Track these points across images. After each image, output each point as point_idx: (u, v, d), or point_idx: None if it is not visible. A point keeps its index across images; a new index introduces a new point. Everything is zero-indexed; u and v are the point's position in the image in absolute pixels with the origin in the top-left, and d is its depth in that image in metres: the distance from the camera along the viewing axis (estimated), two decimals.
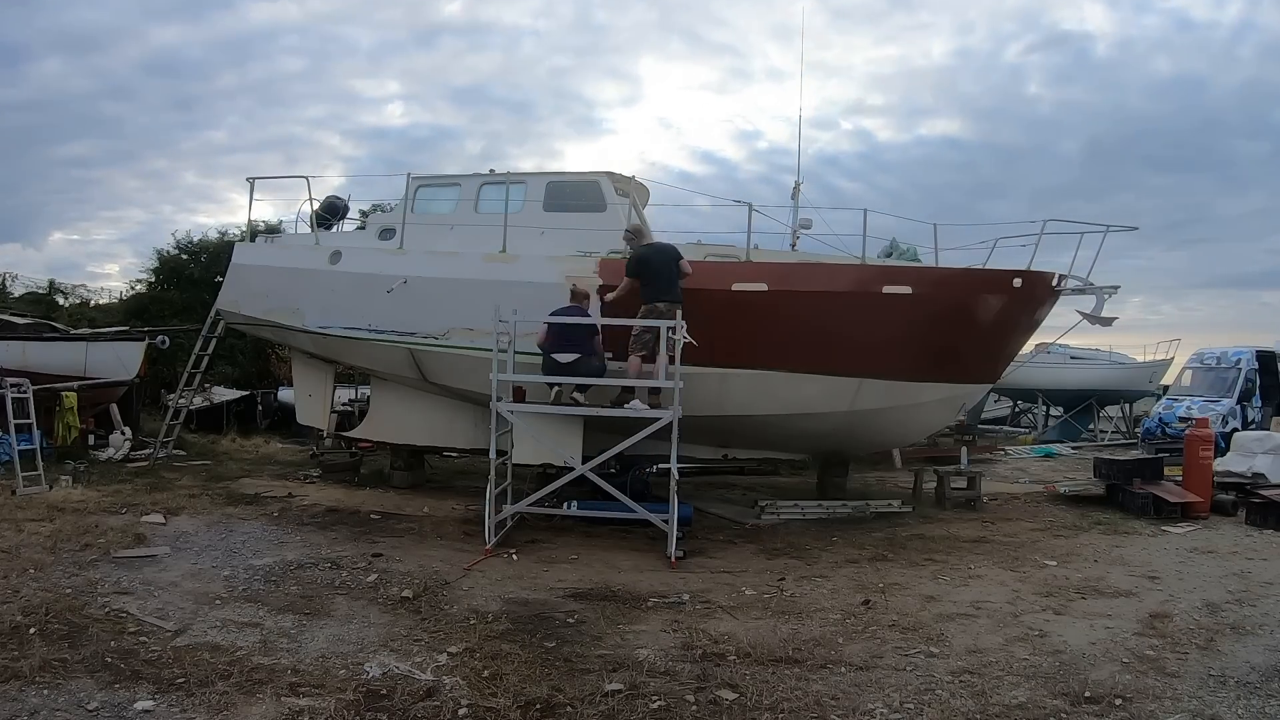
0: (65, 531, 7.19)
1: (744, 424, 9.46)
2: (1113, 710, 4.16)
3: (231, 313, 11.07)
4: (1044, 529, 9.01)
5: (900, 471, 13.26)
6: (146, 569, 6.32)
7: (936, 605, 6.00)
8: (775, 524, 9.09)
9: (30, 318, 15.25)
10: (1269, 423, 14.50)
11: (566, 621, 5.51)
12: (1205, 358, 17.22)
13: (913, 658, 4.90)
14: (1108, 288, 9.53)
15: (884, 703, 4.23)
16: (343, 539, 7.69)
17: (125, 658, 4.53)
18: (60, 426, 11.68)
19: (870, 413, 9.52)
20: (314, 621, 5.33)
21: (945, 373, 9.58)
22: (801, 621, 5.57)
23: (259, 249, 11.06)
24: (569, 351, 8.01)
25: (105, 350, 12.97)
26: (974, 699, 4.28)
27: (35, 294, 20.65)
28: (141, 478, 10.53)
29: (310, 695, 4.15)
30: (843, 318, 8.94)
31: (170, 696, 4.06)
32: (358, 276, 9.83)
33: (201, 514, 8.45)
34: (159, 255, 20.85)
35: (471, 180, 10.47)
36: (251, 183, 11.08)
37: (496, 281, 9.04)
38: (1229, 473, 10.81)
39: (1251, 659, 4.87)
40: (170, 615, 5.29)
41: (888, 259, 10.23)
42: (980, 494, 10.41)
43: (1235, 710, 4.16)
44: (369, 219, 12.36)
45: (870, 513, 9.60)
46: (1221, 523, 9.33)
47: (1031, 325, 10.29)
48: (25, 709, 3.83)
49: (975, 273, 9.67)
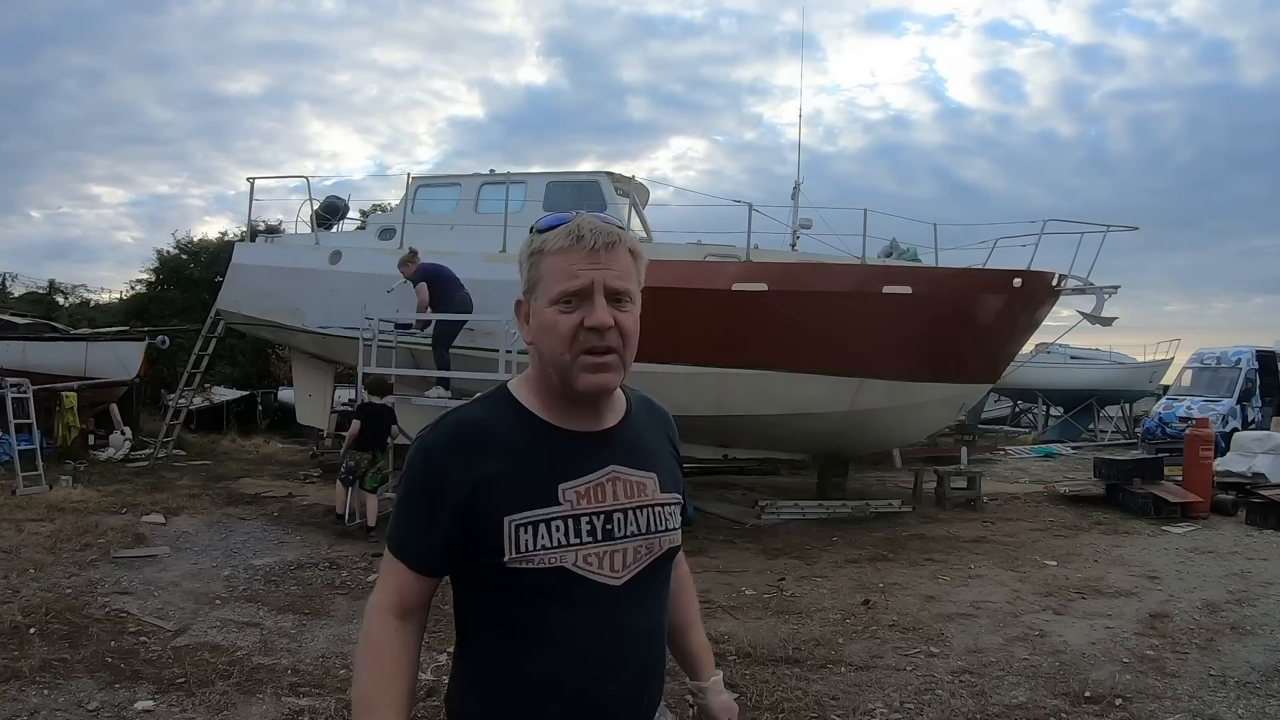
0: (65, 531, 7.18)
1: (744, 424, 9.45)
2: (1113, 710, 4.15)
3: (231, 313, 11.07)
4: (1044, 529, 9.01)
5: (900, 471, 13.25)
6: (146, 569, 6.32)
7: (936, 605, 6.00)
8: (775, 524, 9.09)
9: (30, 318, 15.24)
10: (1269, 423, 14.49)
11: None
12: (1205, 358, 17.20)
13: (913, 658, 4.90)
14: (1108, 288, 9.53)
15: (884, 703, 4.23)
16: (343, 539, 7.69)
17: (125, 658, 4.52)
18: (60, 426, 11.68)
19: (870, 413, 9.52)
20: (314, 621, 5.32)
21: (945, 373, 9.58)
22: (801, 621, 5.57)
23: (259, 249, 11.06)
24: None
25: (105, 350, 12.97)
26: (974, 699, 4.28)
27: (35, 294, 20.63)
28: (141, 478, 10.52)
29: (310, 695, 4.15)
30: (843, 318, 8.93)
31: (170, 696, 4.06)
32: (358, 276, 9.83)
33: (201, 514, 8.45)
34: (159, 255, 20.85)
35: (472, 180, 10.48)
36: (252, 182, 11.11)
37: (496, 281, 9.04)
38: (1229, 473, 10.80)
39: (1251, 659, 4.87)
40: (170, 615, 5.29)
41: (888, 259, 10.22)
42: (980, 494, 10.40)
43: (1235, 710, 4.16)
44: (369, 219, 12.36)
45: (870, 513, 9.60)
46: (1221, 523, 9.33)
47: (1031, 325, 10.29)
48: (25, 709, 3.82)
49: (975, 273, 9.66)
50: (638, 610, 1.30)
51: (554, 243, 1.25)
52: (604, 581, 1.26)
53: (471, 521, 1.23)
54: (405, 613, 1.28)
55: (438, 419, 1.33)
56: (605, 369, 1.25)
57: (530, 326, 1.30)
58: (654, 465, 1.36)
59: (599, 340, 1.23)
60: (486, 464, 1.24)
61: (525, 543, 1.22)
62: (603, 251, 1.23)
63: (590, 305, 1.22)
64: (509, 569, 1.22)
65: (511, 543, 1.21)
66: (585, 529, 1.25)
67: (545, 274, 1.25)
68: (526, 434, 1.28)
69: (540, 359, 1.29)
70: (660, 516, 1.33)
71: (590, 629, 1.25)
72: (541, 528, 1.22)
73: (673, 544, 1.36)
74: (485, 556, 1.23)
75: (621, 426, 1.35)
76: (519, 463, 1.25)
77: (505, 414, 1.30)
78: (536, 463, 1.26)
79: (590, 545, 1.25)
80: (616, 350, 1.25)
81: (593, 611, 1.25)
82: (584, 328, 1.22)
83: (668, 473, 1.39)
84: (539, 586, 1.23)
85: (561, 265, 1.23)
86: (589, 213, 1.28)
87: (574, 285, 1.22)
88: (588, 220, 1.25)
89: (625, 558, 1.28)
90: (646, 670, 1.33)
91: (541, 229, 1.29)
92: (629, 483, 1.31)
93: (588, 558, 1.25)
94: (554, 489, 1.25)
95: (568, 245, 1.23)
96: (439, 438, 1.28)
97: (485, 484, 1.23)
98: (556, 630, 1.24)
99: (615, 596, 1.27)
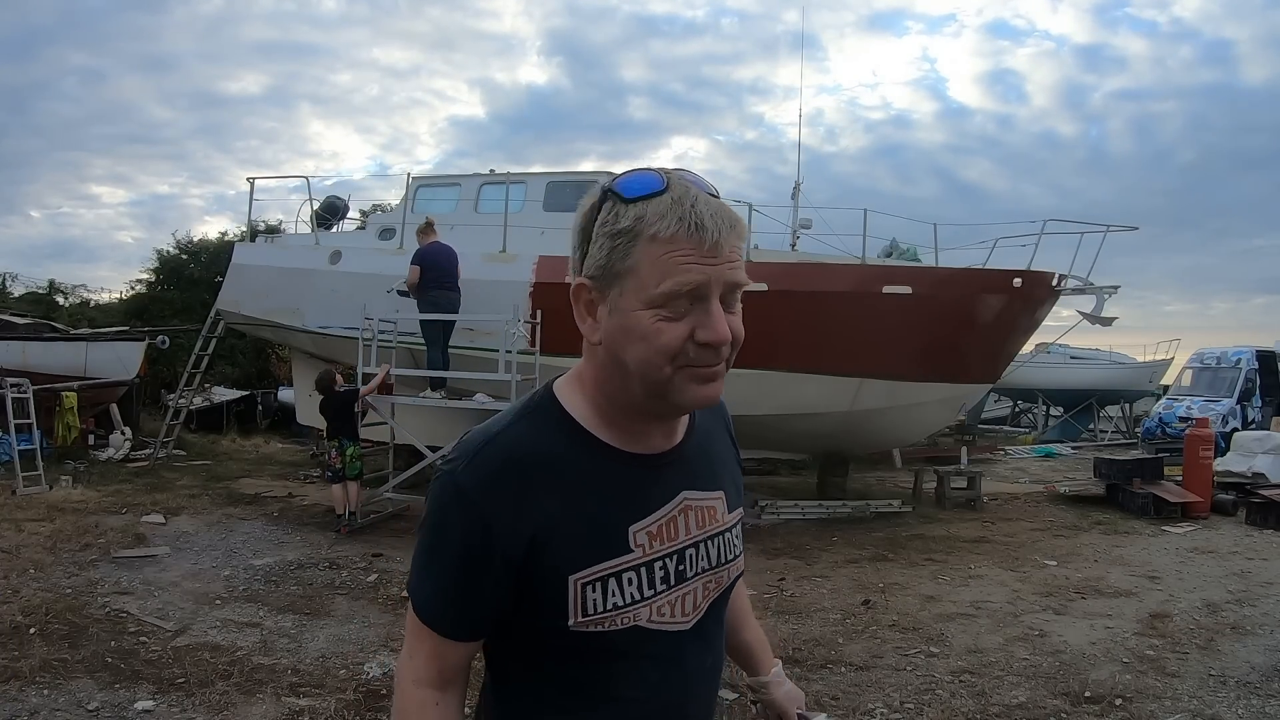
0: (65, 531, 7.18)
1: (744, 424, 9.37)
2: (1113, 710, 4.16)
3: (231, 313, 11.06)
4: (1044, 529, 9.01)
5: (900, 471, 13.25)
6: (146, 569, 6.32)
7: (936, 605, 6.00)
8: (775, 524, 9.09)
9: (30, 318, 15.23)
10: (1269, 423, 14.47)
11: None
12: (1205, 358, 17.20)
13: (913, 658, 4.90)
14: (1108, 288, 9.54)
15: (884, 703, 4.23)
16: (343, 539, 7.69)
17: (125, 658, 4.53)
18: (60, 426, 11.67)
19: (870, 413, 9.52)
20: (314, 621, 5.33)
21: (945, 373, 9.58)
22: (801, 621, 5.57)
23: (259, 249, 11.06)
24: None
25: (105, 350, 12.96)
26: (974, 699, 4.28)
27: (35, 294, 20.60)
28: (141, 478, 10.52)
29: (310, 695, 4.16)
30: (843, 318, 8.93)
31: (170, 696, 4.06)
32: (358, 276, 9.82)
33: (201, 514, 8.45)
34: (159, 255, 20.84)
35: (472, 180, 10.47)
36: (252, 182, 11.09)
37: (497, 282, 9.04)
38: (1229, 473, 10.80)
39: (1251, 659, 4.87)
40: (170, 615, 5.29)
41: (888, 259, 10.22)
42: (980, 494, 10.40)
43: (1235, 710, 4.16)
44: (369, 219, 12.36)
45: (870, 513, 9.60)
46: (1221, 523, 9.32)
47: (1031, 325, 10.29)
48: (25, 709, 3.82)
49: (975, 273, 9.67)
50: (705, 651, 1.16)
51: (658, 227, 0.95)
52: (674, 630, 1.09)
53: (528, 582, 1.02)
54: (445, 683, 1.08)
55: (468, 442, 1.06)
56: (716, 379, 1.01)
57: (601, 325, 1.01)
58: (721, 480, 1.18)
59: (715, 357, 0.99)
60: (541, 507, 1.01)
61: (594, 603, 1.02)
62: (724, 242, 0.96)
63: (705, 312, 0.96)
64: (573, 633, 1.03)
65: (577, 605, 1.02)
66: (659, 576, 1.07)
67: (640, 264, 0.96)
68: (586, 463, 1.05)
69: (616, 366, 1.02)
70: (729, 544, 1.17)
71: (658, 680, 1.09)
72: (611, 583, 1.03)
73: (739, 571, 1.21)
74: (544, 620, 1.04)
75: (688, 439, 1.14)
76: (581, 503, 1.03)
77: (555, 434, 1.05)
78: (602, 501, 1.04)
79: (664, 594, 1.07)
80: (727, 358, 1.01)
81: (660, 662, 1.09)
82: (695, 341, 0.97)
83: (733, 484, 1.21)
84: (607, 648, 1.05)
85: (667, 258, 0.95)
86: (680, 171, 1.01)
87: (685, 287, 0.95)
88: (700, 198, 0.96)
89: (695, 598, 1.11)
90: (708, 707, 1.20)
91: (632, 195, 0.97)
92: (700, 510, 1.13)
93: (660, 609, 1.07)
94: (624, 533, 1.05)
95: (679, 233, 0.94)
96: (475, 473, 1.02)
97: (543, 534, 1.01)
98: (622, 687, 1.08)
99: (683, 641, 1.11)
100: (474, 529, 1.01)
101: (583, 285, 1.02)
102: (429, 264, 8.58)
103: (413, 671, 1.08)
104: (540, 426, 1.06)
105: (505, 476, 1.01)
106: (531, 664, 1.09)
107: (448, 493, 1.03)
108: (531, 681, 1.10)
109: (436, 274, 8.59)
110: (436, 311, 8.57)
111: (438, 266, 8.61)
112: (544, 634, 1.05)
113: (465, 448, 1.05)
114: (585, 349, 1.07)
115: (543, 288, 8.99)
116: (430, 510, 1.05)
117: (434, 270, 8.58)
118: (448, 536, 1.03)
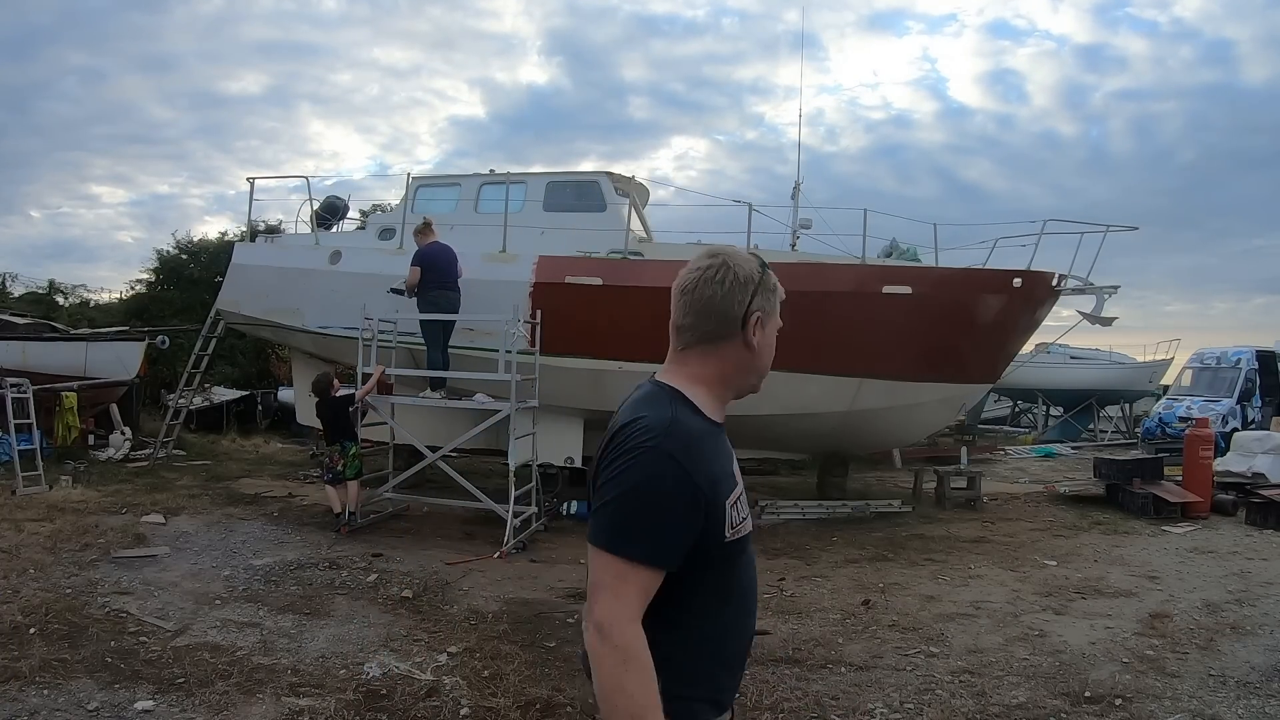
0: (65, 531, 7.18)
1: (743, 424, 9.44)
2: (1113, 710, 4.16)
3: (231, 313, 11.06)
4: (1044, 529, 9.01)
5: (900, 471, 13.26)
6: (146, 569, 6.32)
7: (936, 605, 6.00)
8: (775, 524, 9.10)
9: (30, 318, 15.22)
10: (1269, 423, 14.48)
11: (566, 621, 5.51)
12: (1205, 358, 17.21)
13: (913, 658, 4.90)
14: (1107, 288, 9.53)
15: (884, 703, 4.23)
16: (343, 539, 7.69)
17: (125, 658, 4.53)
18: (60, 426, 11.67)
19: (870, 413, 9.52)
20: (314, 621, 5.33)
21: (945, 373, 9.58)
22: (801, 621, 5.57)
23: (259, 249, 11.05)
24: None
25: (105, 350, 12.95)
26: (974, 699, 4.29)
27: (35, 294, 20.58)
28: (141, 478, 10.51)
29: (310, 695, 4.16)
30: (843, 318, 8.93)
31: (170, 696, 4.07)
32: (358, 276, 9.82)
33: (201, 514, 8.45)
34: (159, 255, 20.82)
35: (472, 180, 10.47)
36: (252, 182, 11.09)
37: (497, 281, 9.04)
38: (1229, 473, 10.80)
39: (1251, 659, 4.87)
40: (170, 615, 5.29)
41: (888, 259, 10.22)
42: (980, 494, 10.41)
43: (1235, 710, 4.16)
44: (369, 219, 12.36)
45: (870, 513, 9.60)
46: (1221, 523, 9.33)
47: (1031, 325, 10.28)
48: (25, 709, 3.83)
49: (975, 273, 9.66)
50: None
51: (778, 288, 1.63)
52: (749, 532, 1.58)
53: (713, 511, 1.45)
54: (642, 617, 1.40)
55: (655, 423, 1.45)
56: None
57: (757, 340, 1.60)
58: None
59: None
60: (711, 462, 1.48)
61: (734, 518, 1.49)
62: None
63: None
64: (728, 543, 1.48)
65: (730, 522, 1.48)
66: (746, 494, 1.58)
67: (776, 308, 1.63)
68: (710, 431, 1.54)
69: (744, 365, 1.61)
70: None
71: (749, 568, 1.60)
72: (740, 502, 1.53)
73: None
74: (714, 537, 1.46)
75: None
76: (718, 454, 1.52)
77: (694, 415, 1.52)
78: (722, 452, 1.55)
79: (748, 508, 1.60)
80: None
81: (749, 555, 1.60)
82: None
83: None
84: (740, 550, 1.53)
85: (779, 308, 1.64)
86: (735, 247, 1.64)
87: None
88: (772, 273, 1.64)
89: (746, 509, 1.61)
90: None
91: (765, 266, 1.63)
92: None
93: (747, 518, 1.57)
94: (734, 470, 1.57)
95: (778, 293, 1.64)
96: (678, 444, 1.43)
97: (715, 478, 1.47)
98: (742, 579, 1.56)
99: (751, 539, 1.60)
100: (685, 481, 1.41)
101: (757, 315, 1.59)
102: (429, 264, 8.60)
103: (627, 609, 1.37)
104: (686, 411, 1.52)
105: (694, 444, 1.45)
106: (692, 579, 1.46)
107: (667, 462, 1.40)
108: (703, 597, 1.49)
109: (436, 274, 8.61)
110: (436, 312, 8.58)
111: (437, 267, 8.63)
112: (709, 549, 1.46)
113: (657, 428, 1.44)
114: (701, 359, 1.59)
115: (542, 288, 9.00)
116: (647, 474, 1.40)
117: (434, 271, 8.61)
118: (664, 488, 1.40)
